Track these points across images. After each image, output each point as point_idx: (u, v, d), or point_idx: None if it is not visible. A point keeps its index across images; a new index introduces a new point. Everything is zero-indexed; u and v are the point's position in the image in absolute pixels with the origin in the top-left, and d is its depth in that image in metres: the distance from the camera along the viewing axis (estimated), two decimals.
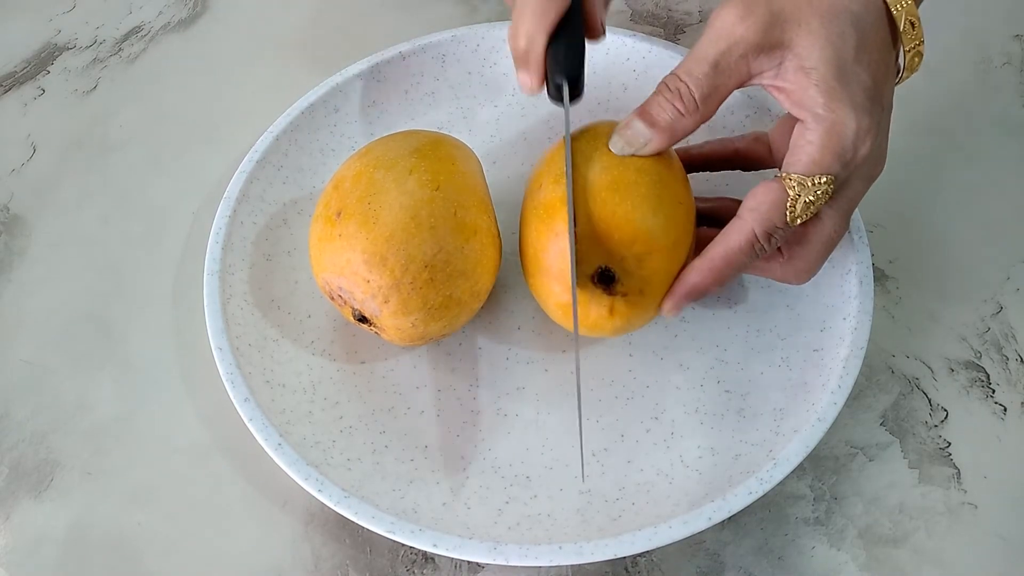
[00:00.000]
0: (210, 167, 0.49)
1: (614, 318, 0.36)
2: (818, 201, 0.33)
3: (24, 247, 0.46)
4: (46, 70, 0.54)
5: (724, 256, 0.34)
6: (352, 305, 0.36)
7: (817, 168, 0.33)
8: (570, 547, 0.32)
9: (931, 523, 0.37)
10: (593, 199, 0.35)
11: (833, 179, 0.33)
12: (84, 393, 0.41)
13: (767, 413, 0.38)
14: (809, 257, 0.36)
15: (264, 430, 0.35)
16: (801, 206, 0.33)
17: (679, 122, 0.35)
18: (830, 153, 0.33)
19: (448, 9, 0.57)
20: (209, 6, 0.57)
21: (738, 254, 0.34)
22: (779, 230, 0.34)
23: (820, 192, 0.33)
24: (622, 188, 0.35)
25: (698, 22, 0.55)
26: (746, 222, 0.34)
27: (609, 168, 0.36)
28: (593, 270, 0.35)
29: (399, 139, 0.39)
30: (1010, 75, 0.52)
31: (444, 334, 0.38)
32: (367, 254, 0.35)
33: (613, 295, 0.35)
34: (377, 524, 0.33)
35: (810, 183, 0.33)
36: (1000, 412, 0.40)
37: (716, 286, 0.35)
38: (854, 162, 0.33)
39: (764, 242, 0.34)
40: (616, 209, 0.35)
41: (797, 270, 0.37)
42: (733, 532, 0.37)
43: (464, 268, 0.36)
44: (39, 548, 0.37)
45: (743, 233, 0.34)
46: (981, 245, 0.45)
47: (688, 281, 0.35)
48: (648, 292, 0.36)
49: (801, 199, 0.33)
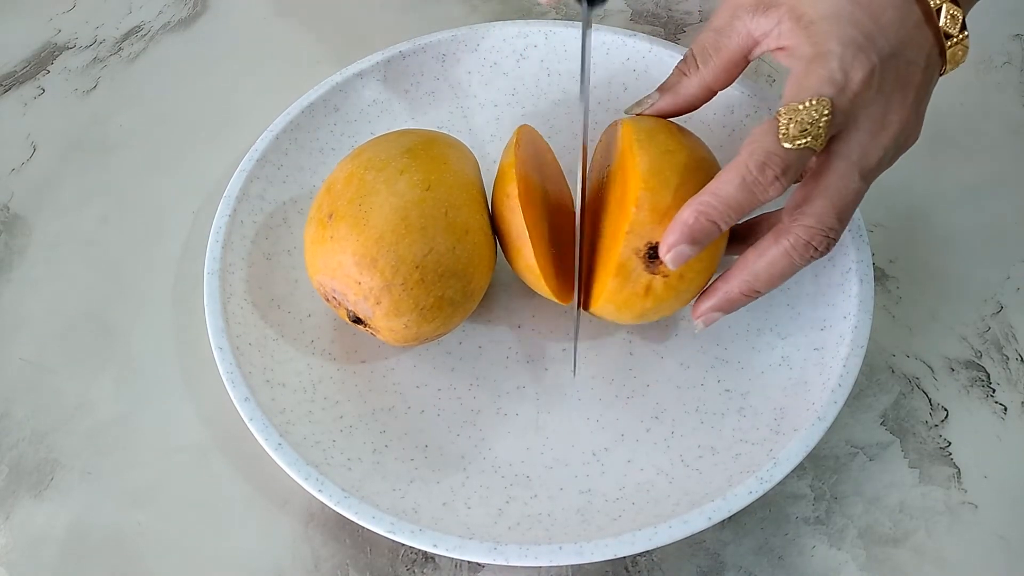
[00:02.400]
0: (210, 167, 0.49)
1: (647, 299, 0.35)
2: (814, 124, 0.31)
3: (24, 247, 0.46)
4: (46, 70, 0.54)
5: (717, 187, 0.32)
6: (346, 307, 0.36)
7: (804, 92, 0.32)
8: (570, 547, 0.32)
9: (931, 523, 0.37)
10: (657, 175, 0.35)
11: (827, 102, 0.31)
12: (84, 393, 0.41)
13: (767, 412, 0.38)
14: (816, 210, 0.33)
15: (264, 430, 0.35)
16: (794, 128, 0.31)
17: (681, 82, 0.38)
18: (815, 77, 0.32)
19: (448, 9, 0.57)
20: (209, 6, 0.57)
21: (731, 184, 0.32)
22: (774, 156, 0.32)
23: (814, 114, 0.31)
24: (689, 171, 0.35)
25: (698, 22, 0.55)
26: (741, 154, 0.32)
27: (674, 151, 0.36)
28: (643, 244, 0.34)
29: (392, 139, 0.39)
30: (1010, 75, 0.52)
31: (439, 334, 0.38)
32: (357, 256, 0.35)
33: (655, 274, 0.35)
34: (377, 524, 0.33)
35: (800, 106, 0.32)
36: (1000, 412, 0.40)
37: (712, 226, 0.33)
38: (850, 88, 0.32)
39: (757, 172, 0.32)
40: (679, 190, 0.34)
41: (812, 231, 0.33)
42: (733, 532, 0.37)
43: (456, 268, 0.36)
44: (39, 548, 0.37)
45: (734, 164, 0.32)
46: (981, 245, 0.45)
47: (679, 219, 0.33)
48: (687, 278, 0.35)
49: (793, 121, 0.31)
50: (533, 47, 0.49)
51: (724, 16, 0.36)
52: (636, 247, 0.35)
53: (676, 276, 0.35)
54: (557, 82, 0.49)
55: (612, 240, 0.36)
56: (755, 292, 0.35)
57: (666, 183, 0.35)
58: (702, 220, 0.33)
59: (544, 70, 0.49)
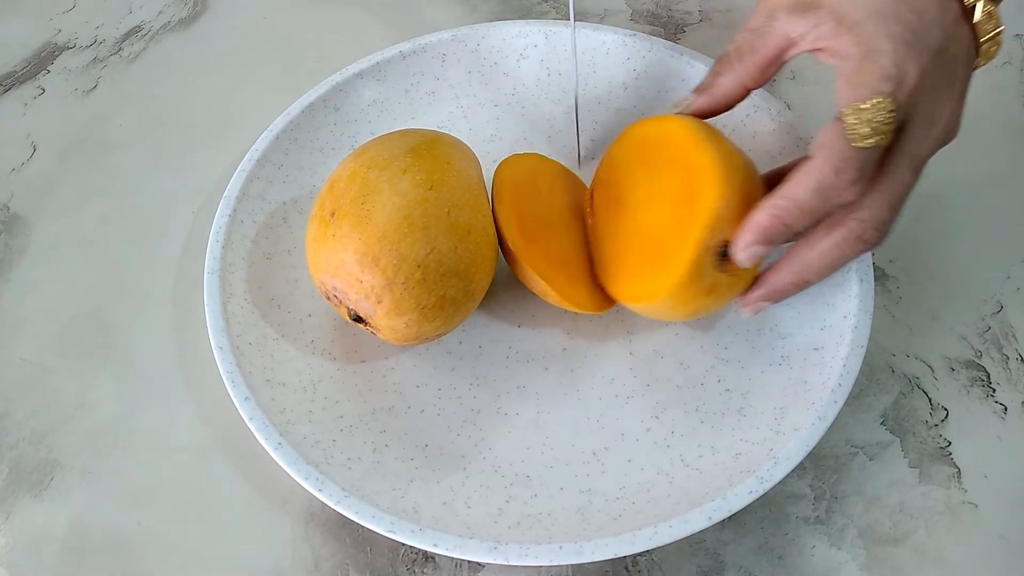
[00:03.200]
0: (210, 167, 0.49)
1: (708, 296, 0.36)
2: (884, 123, 0.32)
3: (24, 247, 0.46)
4: (46, 70, 0.54)
5: (792, 191, 0.33)
6: (347, 305, 0.36)
7: (864, 91, 0.32)
8: (570, 546, 0.32)
9: (931, 522, 0.37)
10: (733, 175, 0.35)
11: (888, 99, 0.32)
12: (84, 393, 0.41)
13: (767, 412, 0.38)
14: (871, 203, 0.33)
15: (264, 429, 0.35)
16: (863, 128, 0.32)
17: (716, 81, 0.38)
18: (870, 75, 0.32)
19: (448, 9, 0.57)
20: (209, 6, 0.57)
21: (806, 189, 0.32)
22: (849, 159, 0.32)
23: (881, 112, 0.32)
24: (747, 173, 0.36)
25: (698, 21, 0.55)
26: (815, 159, 0.32)
27: (733, 153, 0.36)
28: (718, 242, 0.35)
29: (395, 138, 0.39)
30: (1010, 75, 0.52)
31: (439, 334, 0.38)
32: (360, 254, 0.35)
33: (723, 271, 0.35)
34: (377, 524, 0.33)
35: (863, 106, 0.32)
36: (1000, 411, 0.40)
37: (786, 229, 0.33)
38: (906, 84, 0.32)
39: (834, 176, 0.32)
40: (745, 192, 0.35)
41: (865, 224, 0.34)
42: (733, 531, 0.37)
43: (458, 268, 0.36)
44: (39, 548, 0.37)
45: (809, 168, 0.32)
46: (981, 245, 0.45)
47: (755, 220, 0.34)
48: (743, 278, 0.36)
49: (860, 121, 0.32)
50: (533, 47, 0.49)
51: (760, 17, 0.36)
52: (710, 245, 0.35)
53: (735, 275, 0.36)
54: (557, 82, 0.49)
55: (673, 236, 0.36)
56: (805, 283, 0.36)
57: (739, 184, 0.35)
58: (776, 222, 0.33)
59: (544, 70, 0.49)
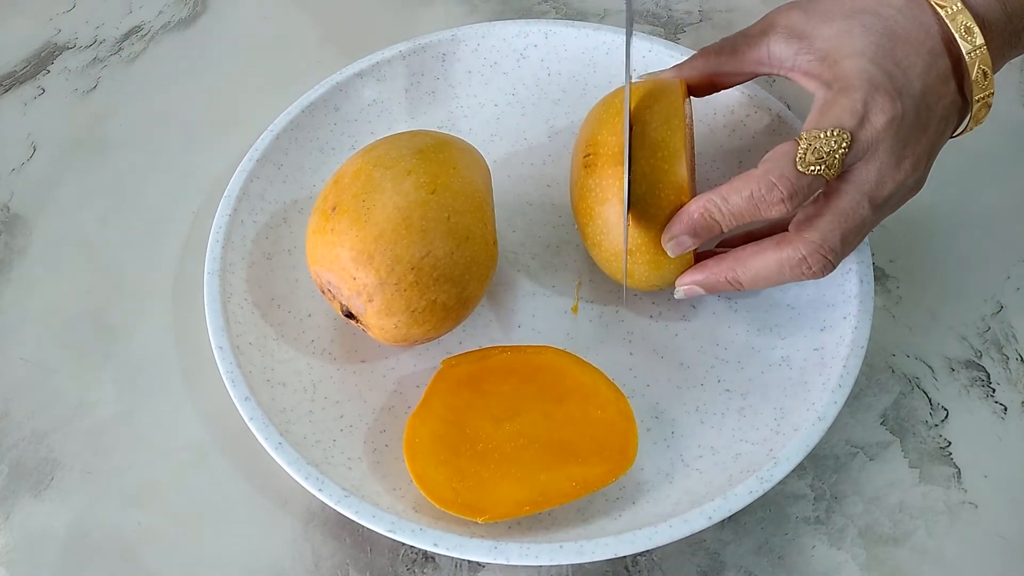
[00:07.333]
0: (210, 166, 0.49)
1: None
2: (831, 154, 0.32)
3: (24, 246, 0.46)
4: (46, 70, 0.54)
5: (728, 192, 0.34)
6: (340, 300, 0.37)
7: (828, 120, 0.33)
8: (570, 546, 0.32)
9: (931, 522, 0.37)
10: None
11: (846, 134, 0.33)
12: (84, 393, 0.41)
13: (767, 412, 0.38)
14: (822, 227, 0.34)
15: (264, 429, 0.35)
16: (812, 155, 0.33)
17: (691, 62, 0.40)
18: (838, 107, 0.33)
19: (448, 9, 0.57)
20: (209, 6, 0.57)
21: (740, 195, 0.34)
22: (784, 179, 0.33)
23: (833, 144, 0.32)
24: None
25: (698, 21, 0.55)
26: (758, 168, 0.34)
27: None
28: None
29: (404, 139, 0.39)
30: (1010, 75, 0.52)
31: (430, 337, 0.38)
32: (355, 251, 0.35)
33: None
34: (377, 523, 0.33)
35: (821, 134, 0.33)
36: (1000, 411, 0.40)
37: (715, 224, 0.35)
38: (869, 123, 0.33)
39: (766, 191, 0.33)
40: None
41: (811, 246, 0.34)
42: (733, 531, 0.37)
43: (452, 274, 0.36)
44: (39, 547, 0.37)
45: (749, 176, 0.34)
46: (981, 245, 0.45)
47: (687, 210, 0.35)
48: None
49: (812, 148, 0.33)
50: (533, 47, 0.49)
51: (758, 27, 0.38)
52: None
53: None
54: (557, 82, 0.49)
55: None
56: (739, 284, 0.37)
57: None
58: (706, 216, 0.35)
59: (544, 70, 0.49)
